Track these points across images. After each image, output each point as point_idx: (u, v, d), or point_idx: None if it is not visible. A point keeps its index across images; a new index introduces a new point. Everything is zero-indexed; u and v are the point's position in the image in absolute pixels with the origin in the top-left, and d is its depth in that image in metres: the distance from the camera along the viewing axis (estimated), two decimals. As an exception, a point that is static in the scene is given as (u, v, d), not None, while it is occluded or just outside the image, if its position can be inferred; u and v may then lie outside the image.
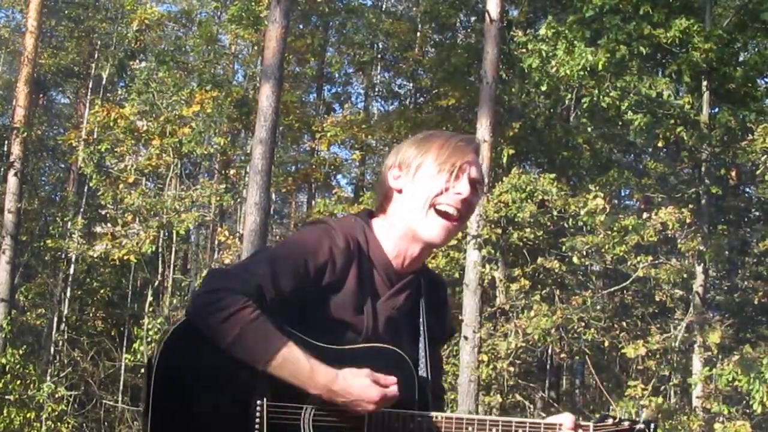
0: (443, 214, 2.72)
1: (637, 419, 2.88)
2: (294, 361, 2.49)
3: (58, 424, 15.85)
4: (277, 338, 2.49)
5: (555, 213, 15.01)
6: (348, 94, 25.86)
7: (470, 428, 2.67)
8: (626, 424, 2.84)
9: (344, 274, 2.65)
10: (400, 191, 2.77)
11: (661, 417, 13.95)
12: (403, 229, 2.75)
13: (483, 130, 14.81)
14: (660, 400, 14.15)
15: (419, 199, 2.71)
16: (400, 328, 2.75)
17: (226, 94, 18.33)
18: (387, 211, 2.80)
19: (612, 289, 16.57)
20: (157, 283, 19.07)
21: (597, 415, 2.91)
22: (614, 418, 2.85)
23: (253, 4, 18.09)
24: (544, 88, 16.56)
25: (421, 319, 2.83)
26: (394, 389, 2.56)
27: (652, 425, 2.88)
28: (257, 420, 2.52)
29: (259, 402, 2.53)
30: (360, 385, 2.52)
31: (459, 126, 21.53)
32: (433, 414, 2.67)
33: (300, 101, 22.36)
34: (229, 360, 2.49)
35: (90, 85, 22.62)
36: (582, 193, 15.42)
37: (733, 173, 19.54)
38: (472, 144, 2.81)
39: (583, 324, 14.79)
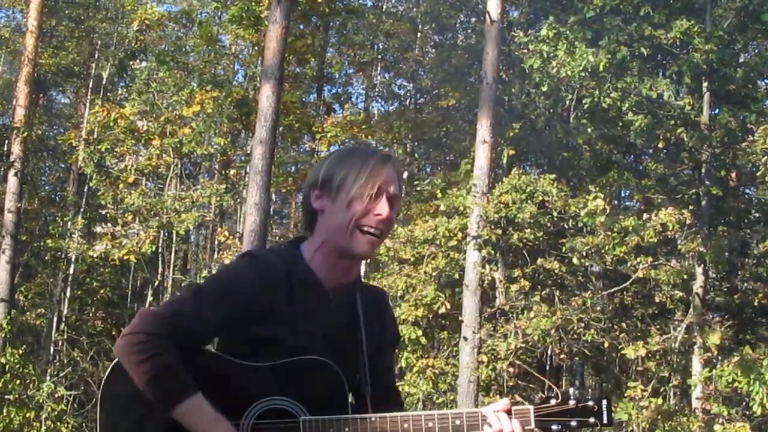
0: (367, 233, 2.80)
1: (587, 396, 2.80)
2: (198, 410, 2.61)
3: (58, 423, 15.84)
4: (188, 387, 2.61)
5: (555, 214, 15.01)
6: (348, 95, 25.83)
7: (406, 425, 2.71)
8: (571, 403, 2.78)
9: (272, 299, 2.74)
10: (322, 211, 2.85)
11: (661, 418, 13.95)
12: (329, 246, 2.83)
13: (483, 130, 14.81)
14: (660, 401, 14.15)
15: (342, 221, 2.79)
16: (339, 343, 2.82)
17: (227, 94, 18.31)
18: (314, 232, 2.89)
19: (612, 290, 16.56)
20: (156, 283, 19.08)
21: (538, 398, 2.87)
22: (557, 397, 2.79)
23: (253, 4, 18.07)
24: (544, 89, 16.57)
25: (362, 331, 2.89)
26: None
27: (604, 402, 2.82)
28: None
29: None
30: None
31: (459, 126, 21.56)
32: (367, 415, 2.73)
33: (300, 101, 22.33)
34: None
35: (90, 85, 22.61)
36: (582, 194, 15.42)
37: (734, 174, 19.53)
38: (388, 162, 2.86)
39: (582, 325, 14.79)
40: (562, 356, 15.98)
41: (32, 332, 20.29)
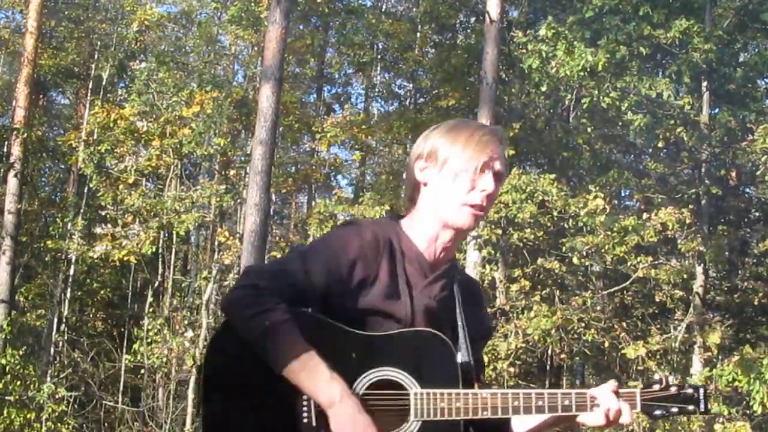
0: (471, 206, 2.79)
1: (684, 383, 2.89)
2: (312, 368, 2.52)
3: (58, 424, 15.84)
4: (302, 343, 2.52)
5: (555, 213, 15.01)
6: (348, 95, 25.85)
7: (516, 402, 2.71)
8: (673, 389, 2.87)
9: (376, 268, 2.71)
10: (425, 184, 2.83)
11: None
12: (431, 219, 2.82)
13: (483, 130, 14.78)
14: (660, 400, 14.11)
15: (447, 195, 2.78)
16: (438, 317, 2.78)
17: (226, 94, 18.32)
18: (416, 203, 2.86)
19: (612, 290, 16.57)
20: (157, 284, 19.05)
21: (640, 384, 2.92)
22: (660, 383, 2.88)
23: (253, 4, 18.09)
24: (544, 89, 16.57)
25: (457, 310, 2.86)
26: None
27: (701, 390, 2.90)
28: (305, 409, 2.57)
29: (305, 396, 2.56)
30: (352, 425, 2.53)
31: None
32: (478, 391, 2.71)
33: (300, 102, 22.35)
34: None
35: (90, 86, 22.58)
36: (582, 194, 15.42)
37: (733, 174, 19.54)
38: (497, 136, 2.85)
39: (583, 324, 14.79)
40: (562, 356, 15.97)
41: (32, 333, 20.26)
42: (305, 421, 2.56)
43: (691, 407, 2.87)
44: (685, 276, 15.91)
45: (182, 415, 17.05)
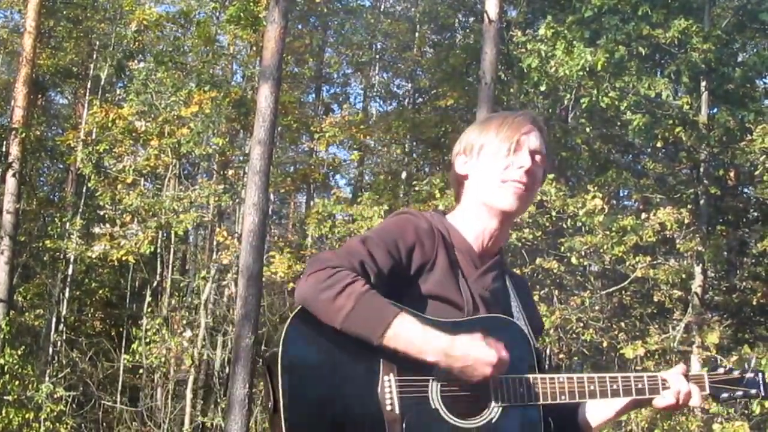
0: (510, 182, 2.80)
1: (746, 368, 2.94)
2: (410, 329, 2.49)
3: (57, 424, 15.83)
4: (391, 308, 2.50)
5: (553, 213, 15.01)
6: (346, 95, 25.91)
7: (592, 386, 2.73)
8: (736, 373, 2.92)
9: (433, 254, 2.71)
10: (467, 177, 2.87)
11: (660, 417, 13.95)
12: (477, 208, 2.84)
13: (482, 130, 14.78)
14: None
15: (486, 176, 2.81)
16: (493, 308, 2.78)
17: (225, 94, 18.31)
18: (461, 200, 2.90)
19: (611, 290, 16.56)
20: (155, 284, 19.05)
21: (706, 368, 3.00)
22: (724, 367, 2.93)
23: (251, 4, 18.07)
24: (542, 89, 16.57)
25: (513, 301, 2.88)
26: (506, 354, 2.56)
27: (761, 374, 2.94)
28: (388, 397, 2.51)
29: (387, 378, 2.52)
30: (477, 348, 2.52)
31: (458, 126, 21.53)
32: (555, 375, 2.72)
33: (298, 102, 22.33)
34: (348, 341, 2.50)
35: (88, 86, 22.57)
36: (580, 194, 15.42)
37: (732, 174, 19.53)
38: (529, 116, 2.89)
39: (581, 324, 14.79)
40: (561, 356, 15.96)
41: (31, 333, 20.25)
42: (388, 408, 2.51)
43: (753, 391, 2.93)
44: (683, 276, 15.92)
45: (180, 414, 17.06)
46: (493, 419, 2.61)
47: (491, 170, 2.80)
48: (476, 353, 2.52)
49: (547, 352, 15.30)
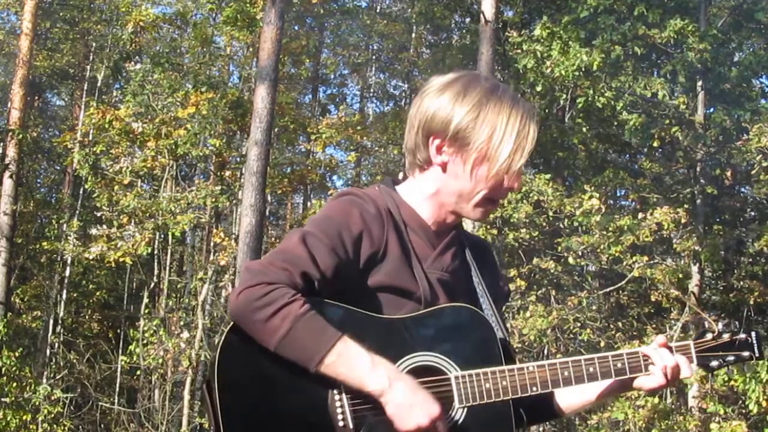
0: (491, 202, 2.56)
1: (737, 330, 2.74)
2: (352, 357, 2.28)
3: (54, 426, 15.82)
4: (329, 333, 2.28)
5: (550, 213, 15.02)
6: (343, 96, 25.91)
7: (566, 372, 2.51)
8: (726, 336, 2.71)
9: (383, 241, 2.45)
10: (443, 165, 2.54)
11: (658, 417, 13.96)
12: (440, 203, 2.55)
13: (478, 130, 14.79)
14: (656, 400, 14.16)
15: (468, 189, 2.51)
16: (454, 290, 2.54)
17: (222, 95, 18.30)
18: (417, 177, 2.59)
19: (608, 290, 16.58)
20: (152, 285, 19.06)
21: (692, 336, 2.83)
22: (713, 332, 2.73)
23: (248, 5, 18.07)
24: (539, 89, 16.58)
25: (475, 278, 2.63)
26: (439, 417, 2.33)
27: (754, 333, 2.73)
28: (339, 412, 2.33)
29: (337, 392, 2.33)
30: (415, 398, 2.30)
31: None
32: (524, 365, 2.49)
33: (295, 102, 22.34)
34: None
35: (85, 87, 22.59)
36: (577, 194, 15.42)
37: (728, 173, 19.56)
38: (534, 119, 2.54)
39: (579, 324, 14.80)
40: (558, 356, 15.98)
41: (28, 335, 20.25)
42: (341, 424, 2.32)
43: (746, 353, 2.71)
44: (680, 275, 15.92)
45: (178, 416, 17.05)
46: (458, 421, 2.42)
47: (477, 187, 2.51)
48: (409, 411, 2.29)
49: (545, 352, 15.32)
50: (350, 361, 2.28)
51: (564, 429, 17.46)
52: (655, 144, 17.20)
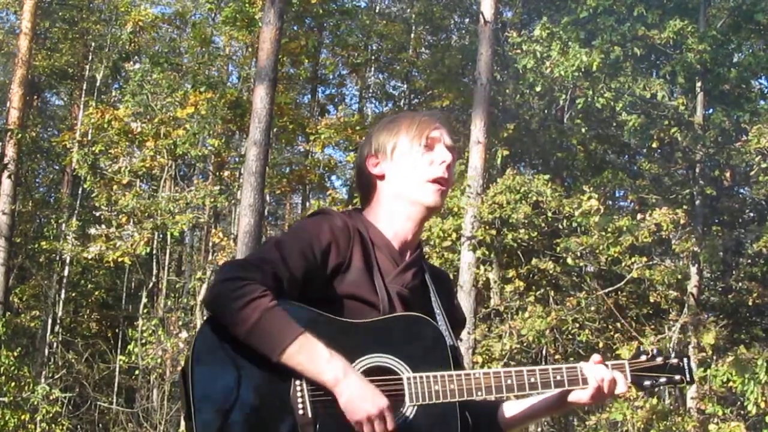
0: (435, 181, 2.81)
1: (670, 355, 2.88)
2: (310, 350, 2.49)
3: (53, 426, 15.83)
4: (292, 328, 2.50)
5: (549, 214, 15.01)
6: (342, 96, 25.84)
7: (509, 380, 2.72)
8: (659, 360, 2.86)
9: (349, 254, 2.71)
10: (383, 177, 2.85)
11: (656, 418, 13.96)
12: (397, 206, 2.83)
13: (477, 131, 14.81)
14: (654, 401, 14.16)
15: (409, 176, 2.81)
16: (411, 304, 2.76)
17: (221, 95, 18.30)
18: (372, 201, 2.88)
19: (606, 291, 16.57)
20: (151, 285, 19.06)
21: (626, 356, 2.94)
22: (647, 353, 2.87)
23: (247, 5, 18.07)
24: (538, 89, 16.60)
25: (432, 297, 2.85)
26: (389, 410, 2.53)
27: (686, 360, 2.89)
28: (300, 401, 2.52)
29: (298, 383, 2.53)
30: (365, 407, 2.50)
31: (453, 127, 21.52)
32: (471, 371, 2.70)
33: (294, 103, 22.32)
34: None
35: (84, 87, 22.57)
36: (576, 194, 15.42)
37: (728, 174, 19.57)
38: (436, 115, 2.90)
39: (577, 325, 14.79)
40: (557, 357, 15.97)
41: (27, 334, 20.26)
42: (300, 412, 2.51)
43: (678, 377, 2.86)
44: (679, 276, 15.93)
45: (177, 416, 17.03)
46: (409, 417, 2.61)
47: (414, 168, 2.81)
48: (361, 401, 2.50)
49: (543, 353, 15.32)
50: (309, 354, 2.50)
51: (563, 430, 17.47)
52: (654, 145, 17.22)
